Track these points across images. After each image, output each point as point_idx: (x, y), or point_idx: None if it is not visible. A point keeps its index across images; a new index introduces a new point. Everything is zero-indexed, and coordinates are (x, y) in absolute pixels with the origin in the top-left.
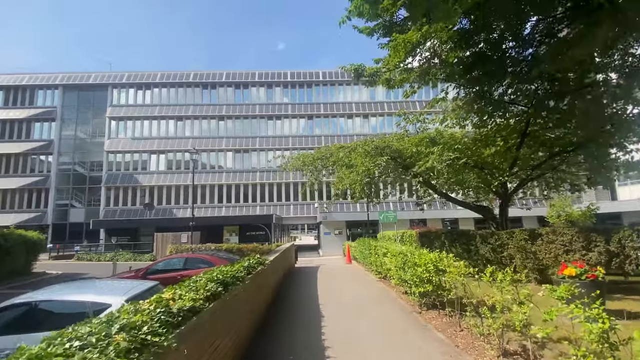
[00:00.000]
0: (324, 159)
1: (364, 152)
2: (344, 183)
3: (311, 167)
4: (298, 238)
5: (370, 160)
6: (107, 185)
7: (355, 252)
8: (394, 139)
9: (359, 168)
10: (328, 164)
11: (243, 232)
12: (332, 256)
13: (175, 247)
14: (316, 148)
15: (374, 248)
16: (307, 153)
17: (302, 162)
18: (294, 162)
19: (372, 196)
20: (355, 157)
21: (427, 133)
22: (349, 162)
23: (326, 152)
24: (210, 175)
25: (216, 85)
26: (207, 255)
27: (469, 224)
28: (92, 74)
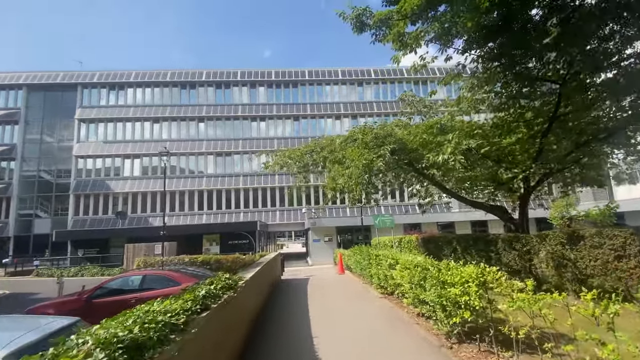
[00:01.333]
0: (314, 153)
1: (362, 143)
2: (339, 182)
3: (298, 164)
4: (285, 246)
5: (370, 152)
6: (75, 192)
7: (350, 261)
8: (395, 127)
9: (358, 162)
10: (318, 159)
11: (225, 241)
12: (322, 265)
13: (144, 260)
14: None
15: (374, 258)
16: (293, 148)
17: (287, 158)
18: (279, 158)
19: (371, 197)
20: (352, 150)
21: (437, 119)
22: (343, 157)
23: (315, 145)
24: (190, 180)
25: (196, 85)
26: (171, 271)
27: (465, 227)
28: (59, 73)
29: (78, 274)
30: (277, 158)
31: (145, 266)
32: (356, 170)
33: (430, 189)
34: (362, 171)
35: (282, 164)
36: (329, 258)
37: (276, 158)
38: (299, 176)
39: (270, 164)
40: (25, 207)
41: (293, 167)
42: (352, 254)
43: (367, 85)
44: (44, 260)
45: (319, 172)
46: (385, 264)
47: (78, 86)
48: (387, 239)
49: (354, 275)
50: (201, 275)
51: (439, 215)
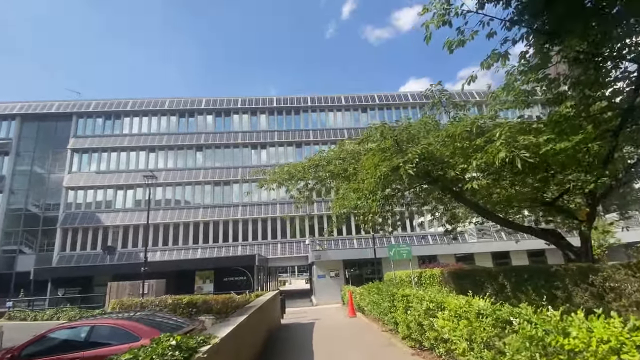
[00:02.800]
0: (319, 168)
1: (379, 151)
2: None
3: (300, 182)
4: (288, 282)
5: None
6: (63, 226)
7: (363, 301)
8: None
9: (376, 171)
10: (324, 176)
11: (219, 279)
12: (328, 305)
13: (119, 302)
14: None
15: (401, 299)
16: (294, 163)
17: (287, 175)
18: (277, 175)
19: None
20: (367, 159)
21: (476, 116)
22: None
23: (320, 159)
24: (185, 211)
25: (194, 113)
26: (130, 321)
27: (486, 259)
28: (54, 103)
29: (54, 317)
30: (275, 175)
31: (120, 309)
32: (371, 182)
33: (457, 212)
34: (378, 183)
35: (280, 181)
36: (336, 296)
37: (274, 175)
38: (300, 197)
39: (267, 179)
40: (10, 242)
41: (293, 185)
42: (366, 292)
43: (371, 111)
44: (19, 301)
45: (325, 192)
46: (419, 308)
47: (73, 116)
48: (403, 274)
49: (368, 319)
50: (171, 325)
51: (455, 246)
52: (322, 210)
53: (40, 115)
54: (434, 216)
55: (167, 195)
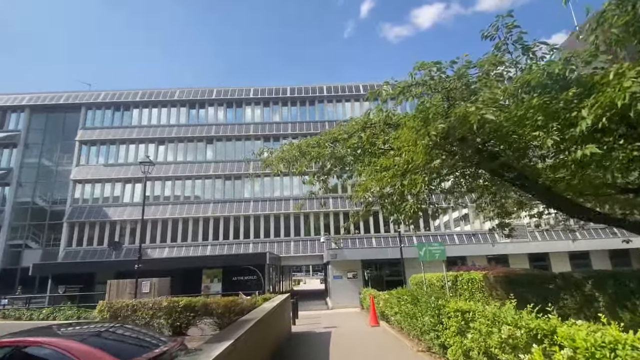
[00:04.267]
0: (337, 143)
1: (420, 114)
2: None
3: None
4: (302, 282)
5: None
6: (70, 220)
7: (389, 309)
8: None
9: (423, 135)
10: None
11: (228, 277)
12: (345, 308)
13: (107, 304)
14: None
15: (454, 315)
16: (306, 139)
17: (297, 152)
18: (286, 152)
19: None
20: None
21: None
22: (384, 145)
23: (340, 131)
24: (194, 206)
25: (205, 104)
26: (66, 339)
27: (521, 262)
28: (63, 94)
29: (50, 316)
30: (283, 152)
31: (109, 311)
32: (415, 152)
33: (507, 203)
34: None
35: (289, 160)
36: (353, 299)
37: (281, 152)
38: (313, 180)
39: (272, 158)
40: (17, 236)
41: (304, 164)
42: (393, 300)
43: (391, 100)
44: (16, 299)
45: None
46: (494, 334)
47: (82, 107)
48: (433, 277)
49: (394, 330)
50: (134, 343)
51: (486, 246)
52: (338, 206)
53: (49, 106)
54: (480, 209)
55: (176, 189)
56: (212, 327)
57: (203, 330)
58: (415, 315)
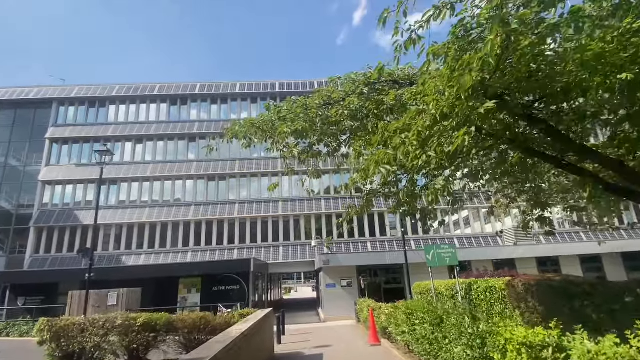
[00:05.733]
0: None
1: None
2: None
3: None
4: (294, 290)
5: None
6: (37, 225)
7: (393, 325)
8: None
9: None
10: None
11: (207, 287)
12: (340, 321)
13: (48, 324)
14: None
15: (517, 351)
16: (289, 100)
17: (276, 115)
18: (257, 119)
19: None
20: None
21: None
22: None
23: (332, 92)
24: (174, 209)
25: (187, 100)
26: None
27: (529, 266)
28: (33, 89)
29: (2, 333)
30: (251, 120)
31: (49, 331)
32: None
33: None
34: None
35: (263, 129)
36: (348, 310)
37: (248, 121)
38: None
39: (238, 128)
40: None
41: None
42: (402, 317)
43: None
44: None
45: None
46: None
47: (53, 102)
48: (442, 285)
49: (401, 352)
50: None
51: (492, 250)
52: (330, 208)
53: (17, 101)
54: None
55: (154, 191)
56: (177, 349)
57: (166, 354)
58: (438, 340)
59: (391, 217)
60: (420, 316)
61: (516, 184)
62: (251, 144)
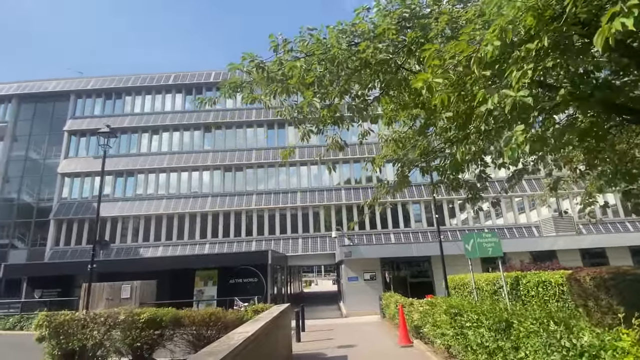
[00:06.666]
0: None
1: None
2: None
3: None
4: (314, 283)
5: None
6: (57, 217)
7: (429, 326)
8: None
9: None
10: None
11: (224, 280)
12: (363, 316)
13: (47, 318)
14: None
15: None
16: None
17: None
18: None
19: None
20: None
21: None
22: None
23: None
24: (191, 201)
25: (202, 89)
26: None
27: (572, 258)
28: (52, 82)
29: (17, 326)
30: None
31: (48, 327)
32: None
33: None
34: None
35: (271, 79)
36: (372, 305)
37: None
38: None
39: (245, 66)
40: (2, 235)
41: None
42: (443, 317)
43: None
44: None
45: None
46: None
47: (71, 95)
48: (481, 279)
49: (438, 356)
50: None
51: (529, 241)
52: (351, 199)
53: (37, 95)
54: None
55: (171, 181)
56: (185, 348)
57: (173, 354)
58: (504, 352)
59: (415, 208)
60: (472, 318)
61: (591, 153)
62: (254, 98)
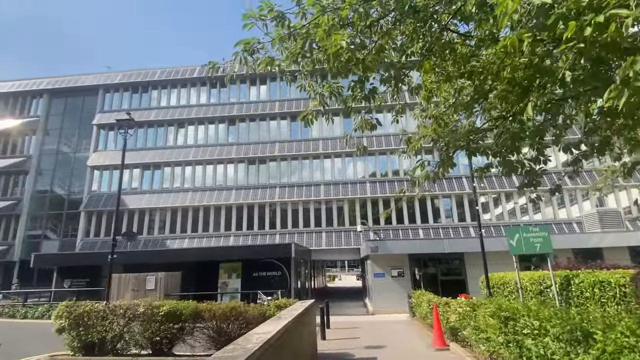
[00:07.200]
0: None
1: None
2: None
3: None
4: (337, 277)
5: None
6: (87, 209)
7: (469, 329)
8: None
9: None
10: None
11: (248, 273)
12: (389, 314)
13: (67, 308)
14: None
15: None
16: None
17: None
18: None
19: None
20: None
21: None
22: None
23: None
24: (216, 193)
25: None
26: None
27: (620, 257)
28: (80, 76)
29: (45, 315)
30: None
31: (68, 318)
32: None
33: None
34: None
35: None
36: (400, 303)
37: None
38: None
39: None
40: (36, 227)
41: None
42: (491, 321)
43: None
44: (11, 294)
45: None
46: None
47: (99, 89)
48: (526, 278)
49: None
50: None
51: (571, 237)
52: (376, 192)
53: (67, 90)
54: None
55: (197, 174)
56: (205, 344)
57: (193, 349)
58: None
59: (446, 202)
60: (532, 324)
61: None
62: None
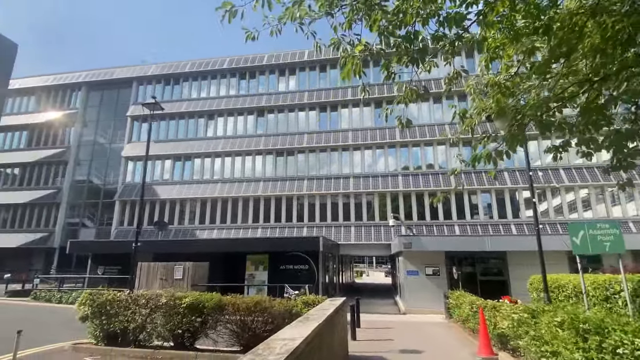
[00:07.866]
0: None
1: None
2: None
3: None
4: (365, 273)
5: None
6: (121, 199)
7: (527, 336)
8: None
9: None
10: None
11: (274, 265)
12: (424, 315)
13: (90, 297)
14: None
15: None
16: None
17: None
18: None
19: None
20: None
21: None
22: None
23: None
24: (244, 185)
25: (255, 73)
26: None
27: None
28: (115, 69)
29: (77, 300)
30: None
31: (91, 306)
32: None
33: None
34: None
35: None
36: (435, 303)
37: None
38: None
39: None
40: (74, 215)
41: None
42: (565, 334)
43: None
44: (49, 279)
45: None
46: None
47: (133, 81)
48: (588, 281)
49: None
50: None
51: (627, 238)
52: (409, 185)
53: (103, 82)
54: None
55: (225, 166)
56: (229, 339)
57: (216, 344)
58: None
59: (485, 198)
60: (630, 342)
61: None
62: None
